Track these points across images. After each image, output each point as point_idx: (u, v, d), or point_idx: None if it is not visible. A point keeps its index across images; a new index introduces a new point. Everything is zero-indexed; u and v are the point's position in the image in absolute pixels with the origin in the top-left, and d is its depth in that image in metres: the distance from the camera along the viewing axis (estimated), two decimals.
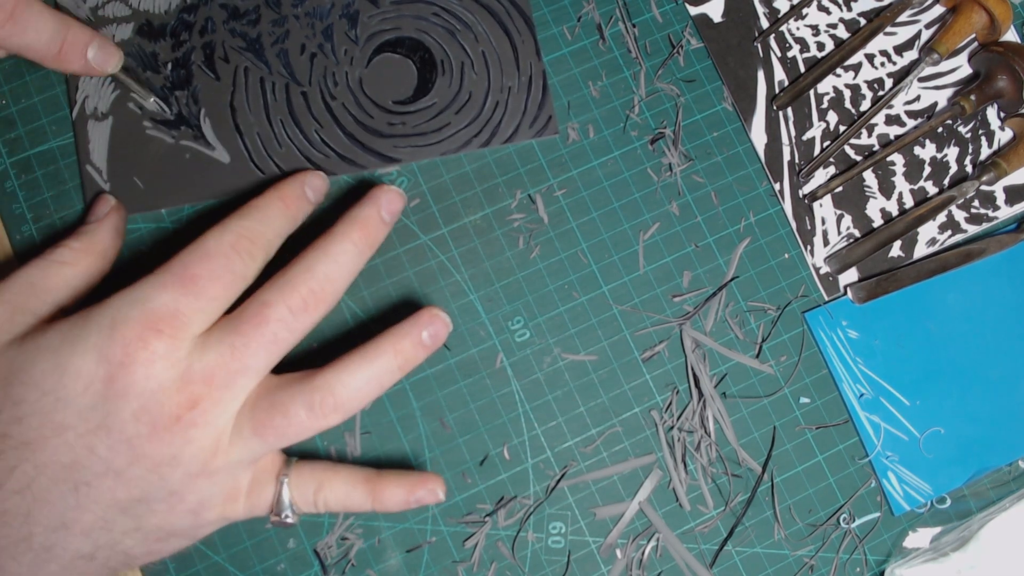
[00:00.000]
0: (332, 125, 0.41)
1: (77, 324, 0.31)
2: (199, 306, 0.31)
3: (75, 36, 0.36)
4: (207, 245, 0.33)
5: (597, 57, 0.43)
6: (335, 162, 0.41)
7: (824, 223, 0.42)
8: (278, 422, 0.32)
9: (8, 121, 0.40)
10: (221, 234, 0.33)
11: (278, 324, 0.32)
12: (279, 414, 0.32)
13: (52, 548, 0.30)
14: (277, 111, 0.41)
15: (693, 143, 0.42)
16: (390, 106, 0.41)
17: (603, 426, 0.40)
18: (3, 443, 0.30)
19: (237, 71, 0.41)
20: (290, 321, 0.32)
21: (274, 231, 0.35)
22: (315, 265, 0.33)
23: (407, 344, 0.34)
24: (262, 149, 0.40)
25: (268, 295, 0.32)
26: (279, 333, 0.32)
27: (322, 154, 0.41)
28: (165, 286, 0.31)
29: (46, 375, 0.30)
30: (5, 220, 0.40)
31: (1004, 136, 0.43)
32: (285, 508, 0.34)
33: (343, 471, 0.36)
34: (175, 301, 0.31)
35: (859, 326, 0.41)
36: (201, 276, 0.32)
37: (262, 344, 0.32)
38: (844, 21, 0.44)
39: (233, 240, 0.33)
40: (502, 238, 0.41)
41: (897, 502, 0.40)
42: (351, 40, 0.41)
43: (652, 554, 0.39)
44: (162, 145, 0.40)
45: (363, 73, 0.41)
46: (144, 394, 0.30)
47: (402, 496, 0.35)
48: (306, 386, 0.32)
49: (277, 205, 0.35)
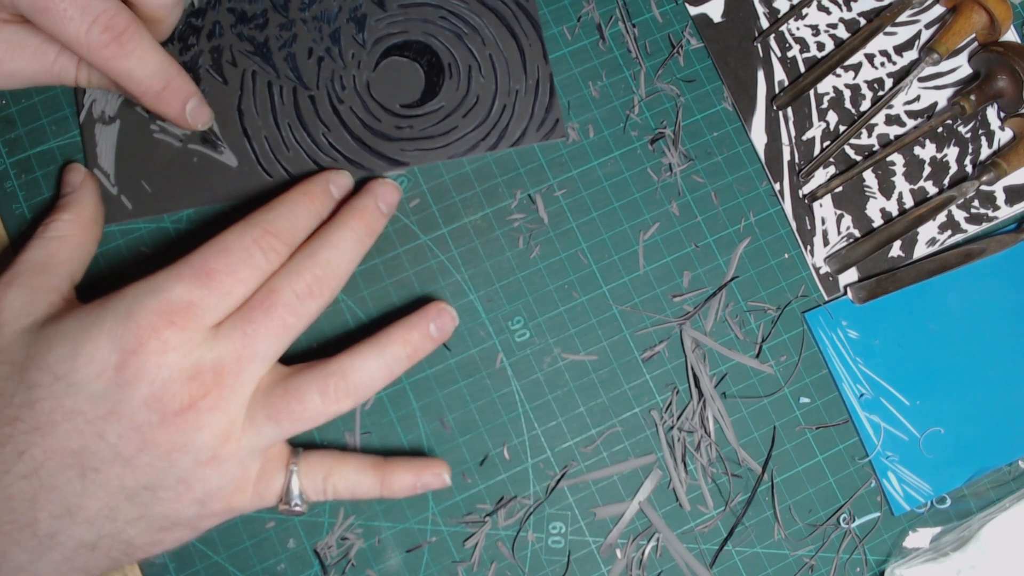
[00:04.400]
0: (339, 129, 0.41)
1: (94, 311, 0.32)
2: (214, 299, 0.32)
3: (181, 83, 0.37)
4: (228, 240, 0.33)
5: (597, 57, 0.43)
6: (342, 166, 0.41)
7: (824, 223, 0.42)
8: (293, 407, 0.33)
9: (8, 121, 0.40)
10: (244, 229, 0.34)
11: (286, 309, 0.33)
12: (294, 399, 0.33)
13: (56, 535, 0.31)
14: (285, 115, 0.41)
15: (693, 143, 0.42)
16: (397, 110, 0.41)
17: (603, 426, 0.40)
18: (13, 427, 0.30)
19: (245, 75, 0.41)
20: (297, 306, 0.33)
21: (299, 227, 0.35)
22: (318, 251, 0.34)
23: (416, 335, 0.35)
24: (270, 153, 0.40)
25: (275, 282, 0.33)
26: (287, 319, 0.33)
27: (329, 158, 0.41)
28: (182, 278, 0.32)
29: (60, 360, 0.31)
30: (5, 220, 0.40)
31: (1004, 136, 0.43)
32: (295, 497, 0.35)
33: (351, 458, 0.36)
34: (190, 293, 0.32)
35: (859, 326, 0.41)
36: (218, 270, 0.32)
37: (271, 330, 0.33)
38: (844, 21, 0.44)
39: (257, 235, 0.34)
40: (502, 238, 0.41)
41: (897, 502, 0.40)
42: (358, 44, 0.41)
43: (652, 554, 0.39)
44: (170, 149, 0.40)
45: (370, 77, 0.41)
46: (155, 382, 0.31)
47: (410, 481, 0.36)
48: (319, 372, 0.34)
49: (303, 201, 0.36)
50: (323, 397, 0.33)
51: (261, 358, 0.33)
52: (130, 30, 0.34)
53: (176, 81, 0.37)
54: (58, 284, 0.34)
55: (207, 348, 0.32)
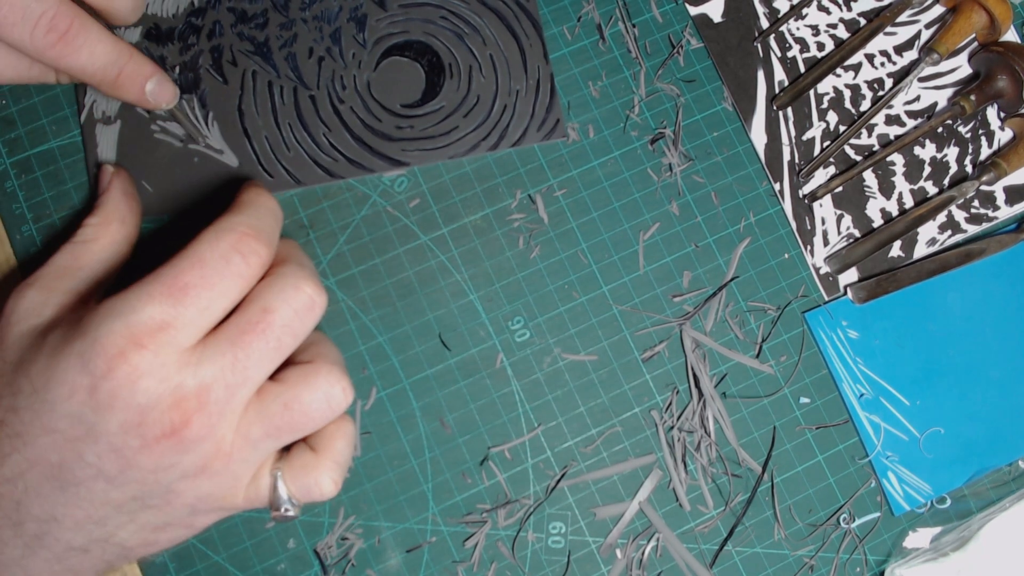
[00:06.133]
0: (340, 129, 0.41)
1: (72, 327, 0.30)
2: (189, 317, 0.29)
3: (135, 67, 0.36)
4: (201, 249, 0.30)
5: (597, 57, 0.43)
6: (343, 166, 0.41)
7: (824, 223, 0.42)
8: (298, 421, 0.31)
9: (8, 121, 0.40)
10: (218, 235, 0.30)
11: (283, 330, 0.30)
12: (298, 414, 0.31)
13: (43, 537, 0.30)
14: (285, 115, 0.41)
15: (693, 143, 0.42)
16: (398, 109, 0.41)
17: (603, 426, 0.40)
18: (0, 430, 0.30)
19: (245, 75, 0.41)
20: (296, 325, 0.31)
21: (273, 226, 0.33)
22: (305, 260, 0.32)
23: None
24: (270, 153, 0.40)
25: (268, 299, 0.30)
26: (284, 339, 0.30)
27: (330, 158, 0.41)
28: (152, 296, 0.29)
29: (39, 374, 0.30)
30: (5, 220, 0.40)
31: (1004, 136, 0.43)
32: (284, 503, 0.33)
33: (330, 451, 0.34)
34: (162, 313, 0.29)
35: (859, 326, 0.41)
36: (193, 285, 0.29)
37: (265, 353, 0.30)
38: (844, 21, 0.44)
39: (235, 239, 0.30)
40: (502, 238, 0.41)
41: (897, 502, 0.40)
42: (359, 44, 0.41)
43: (652, 554, 0.39)
44: (170, 149, 0.40)
45: (371, 77, 0.41)
46: (131, 407, 0.29)
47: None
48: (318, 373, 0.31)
49: (266, 199, 0.33)
50: (330, 399, 0.31)
51: (252, 382, 0.30)
52: (74, 26, 0.33)
53: (129, 66, 0.36)
54: (76, 287, 0.34)
55: (189, 373, 0.29)
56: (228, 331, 0.30)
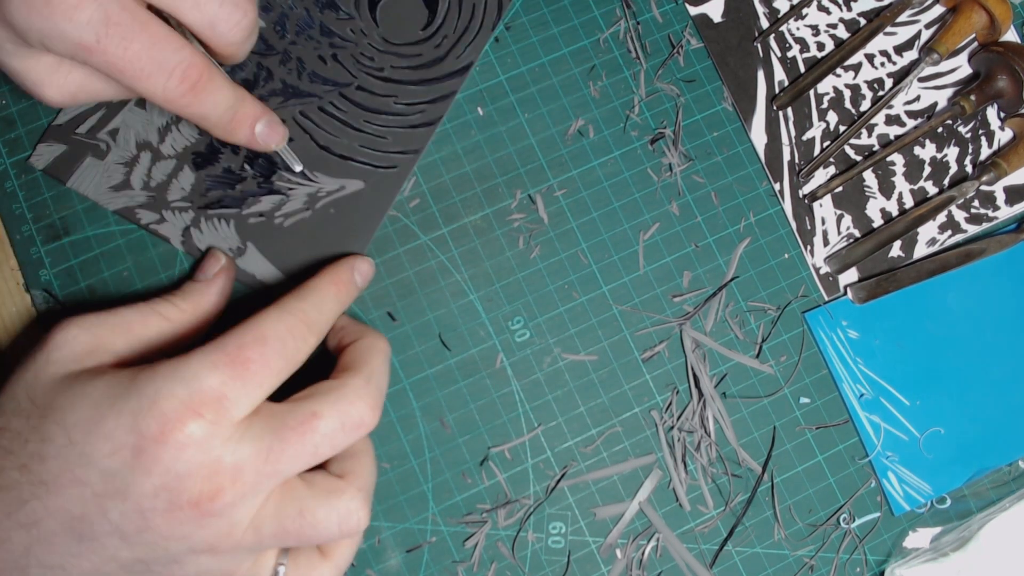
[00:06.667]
0: (399, 86, 0.41)
1: (123, 383, 0.30)
2: (246, 391, 0.30)
3: (247, 109, 0.36)
4: (264, 327, 0.31)
5: (597, 57, 0.43)
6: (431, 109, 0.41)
7: (824, 223, 0.42)
8: (306, 532, 0.31)
9: (8, 121, 0.40)
10: (279, 316, 0.32)
11: (323, 439, 0.31)
12: (308, 525, 0.31)
13: None
14: (355, 117, 0.41)
15: (693, 143, 0.42)
16: (419, 35, 0.42)
17: (603, 426, 0.40)
18: (22, 475, 0.30)
19: (298, 119, 0.41)
20: (338, 439, 0.31)
21: (327, 316, 0.34)
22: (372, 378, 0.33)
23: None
24: (375, 152, 0.41)
25: (322, 405, 0.31)
26: (321, 447, 0.31)
27: (417, 112, 0.41)
28: (216, 366, 0.30)
29: (78, 426, 0.30)
30: (5, 220, 0.40)
31: (1004, 136, 0.43)
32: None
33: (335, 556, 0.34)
34: (223, 384, 0.30)
35: (859, 326, 0.41)
36: (254, 360, 0.30)
37: (300, 455, 0.31)
38: (844, 21, 0.44)
39: (292, 323, 0.32)
40: (502, 238, 0.41)
41: (897, 502, 0.40)
42: (347, 16, 0.41)
43: (652, 554, 0.39)
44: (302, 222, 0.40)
45: (380, 32, 0.42)
46: (169, 473, 0.29)
47: None
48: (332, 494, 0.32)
49: (331, 290, 0.35)
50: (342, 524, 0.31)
51: (281, 476, 0.31)
52: (204, 77, 0.33)
53: (243, 109, 0.36)
54: (121, 348, 0.33)
55: (230, 449, 0.30)
56: (273, 420, 0.31)
